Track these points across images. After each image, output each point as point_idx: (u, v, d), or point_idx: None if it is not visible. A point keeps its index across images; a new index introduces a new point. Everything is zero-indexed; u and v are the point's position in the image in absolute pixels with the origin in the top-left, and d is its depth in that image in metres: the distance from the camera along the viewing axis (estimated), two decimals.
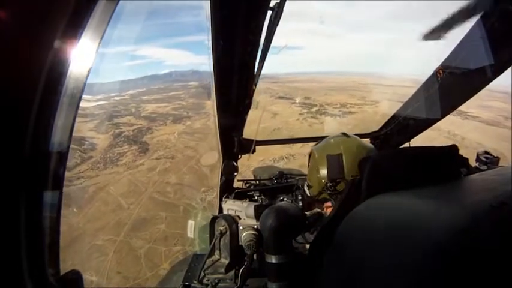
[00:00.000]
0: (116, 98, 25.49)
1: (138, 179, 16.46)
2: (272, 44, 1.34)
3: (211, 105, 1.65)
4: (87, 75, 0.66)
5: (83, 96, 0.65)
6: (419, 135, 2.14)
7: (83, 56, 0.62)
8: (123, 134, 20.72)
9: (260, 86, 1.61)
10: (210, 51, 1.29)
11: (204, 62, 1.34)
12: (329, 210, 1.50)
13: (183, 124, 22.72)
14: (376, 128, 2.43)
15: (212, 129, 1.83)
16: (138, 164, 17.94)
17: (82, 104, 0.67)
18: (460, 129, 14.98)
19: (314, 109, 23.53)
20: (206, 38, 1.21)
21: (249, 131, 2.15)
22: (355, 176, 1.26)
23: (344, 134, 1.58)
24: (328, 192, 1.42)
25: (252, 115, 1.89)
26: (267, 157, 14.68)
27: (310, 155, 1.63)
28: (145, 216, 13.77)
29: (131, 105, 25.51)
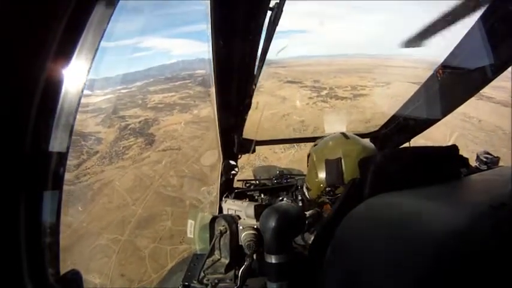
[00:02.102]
0: (122, 91, 24.66)
1: (144, 172, 16.03)
2: (272, 44, 1.34)
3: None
4: (88, 74, 0.66)
5: (90, 91, 0.66)
6: None
7: (83, 56, 0.62)
8: (129, 127, 20.20)
9: (267, 71, 1.56)
10: (210, 51, 1.29)
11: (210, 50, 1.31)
12: (329, 209, 1.50)
13: (189, 113, 22.01)
14: (376, 128, 2.43)
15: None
16: (144, 157, 17.47)
17: (89, 100, 0.68)
18: (476, 111, 14.03)
19: (324, 92, 22.39)
20: (210, 27, 1.19)
21: (249, 131, 2.14)
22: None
23: (343, 134, 1.55)
24: (327, 197, 1.41)
25: (252, 115, 1.88)
26: (277, 145, 14.61)
27: (308, 156, 1.61)
28: (151, 213, 13.41)
29: (138, 96, 24.79)
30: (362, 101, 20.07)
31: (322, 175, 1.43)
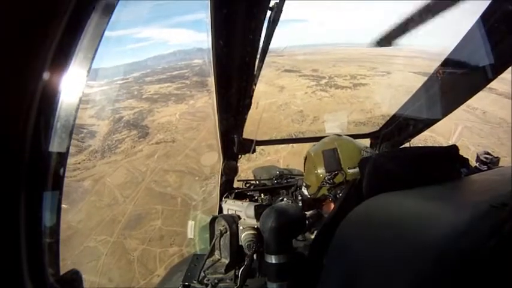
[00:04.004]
0: (119, 82, 24.08)
1: (136, 167, 15.48)
2: (271, 44, 1.34)
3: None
4: (88, 74, 0.66)
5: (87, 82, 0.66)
6: None
7: (83, 56, 0.62)
8: (123, 119, 19.64)
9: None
10: (210, 51, 1.29)
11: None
12: (329, 208, 1.51)
13: (185, 104, 21.51)
14: (376, 128, 2.43)
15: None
16: (137, 150, 16.90)
17: (84, 91, 0.67)
18: (479, 102, 13.72)
19: (323, 81, 21.95)
20: (207, 16, 1.19)
21: (249, 131, 2.13)
22: (352, 167, 1.37)
23: (336, 134, 1.66)
24: (328, 185, 1.44)
25: (252, 115, 1.89)
26: (278, 133, 14.72)
27: (305, 159, 1.67)
28: (141, 211, 12.87)
29: (133, 87, 24.12)
30: (362, 90, 19.61)
31: (321, 168, 1.50)
